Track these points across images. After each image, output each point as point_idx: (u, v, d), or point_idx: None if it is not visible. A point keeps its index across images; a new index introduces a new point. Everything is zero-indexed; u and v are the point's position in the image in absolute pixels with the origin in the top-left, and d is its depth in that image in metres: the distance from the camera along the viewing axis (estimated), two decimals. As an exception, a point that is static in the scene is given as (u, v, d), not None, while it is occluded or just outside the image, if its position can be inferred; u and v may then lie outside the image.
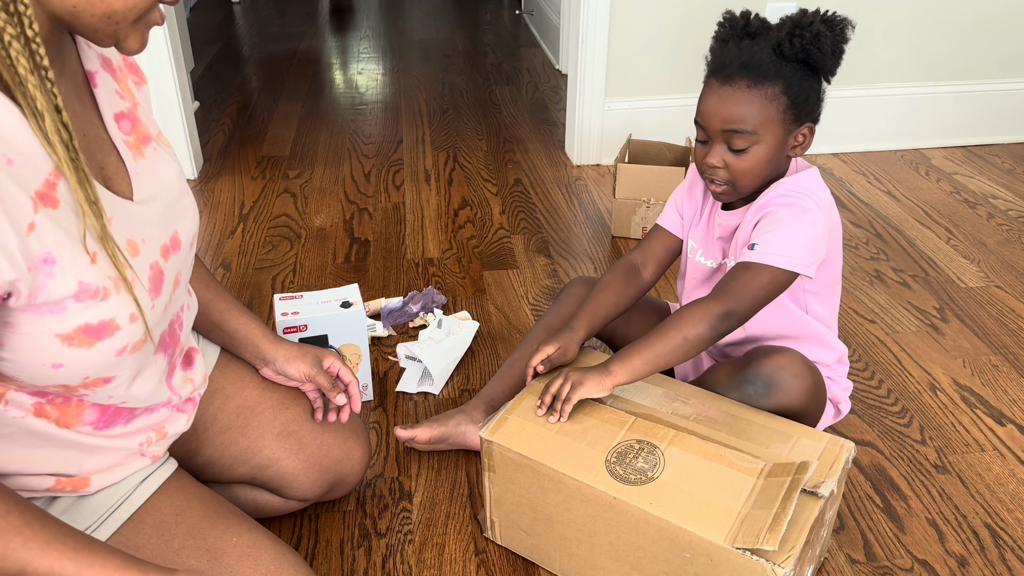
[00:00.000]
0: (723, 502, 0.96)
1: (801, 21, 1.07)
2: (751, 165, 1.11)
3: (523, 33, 4.01)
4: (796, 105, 1.10)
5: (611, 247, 2.05)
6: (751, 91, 1.08)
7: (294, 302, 1.42)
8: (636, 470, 1.02)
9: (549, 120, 2.88)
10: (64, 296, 0.70)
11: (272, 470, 1.10)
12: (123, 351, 0.77)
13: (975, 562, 1.19)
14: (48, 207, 0.69)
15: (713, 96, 1.11)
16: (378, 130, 2.76)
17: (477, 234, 2.11)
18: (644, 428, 1.08)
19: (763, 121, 1.09)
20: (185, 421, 0.96)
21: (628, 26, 2.36)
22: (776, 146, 1.11)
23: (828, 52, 1.08)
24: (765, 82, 1.08)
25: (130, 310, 0.76)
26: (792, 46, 1.07)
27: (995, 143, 2.67)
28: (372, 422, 1.46)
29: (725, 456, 1.03)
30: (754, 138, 1.10)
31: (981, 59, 2.55)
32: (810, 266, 1.10)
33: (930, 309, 1.79)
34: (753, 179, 1.13)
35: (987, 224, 2.16)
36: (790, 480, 0.98)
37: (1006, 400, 1.52)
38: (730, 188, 1.15)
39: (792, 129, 1.12)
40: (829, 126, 2.56)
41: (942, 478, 1.34)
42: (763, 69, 1.08)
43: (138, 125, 0.86)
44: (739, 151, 1.11)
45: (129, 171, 0.82)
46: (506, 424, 1.11)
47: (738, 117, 1.09)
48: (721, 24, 1.14)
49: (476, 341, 1.68)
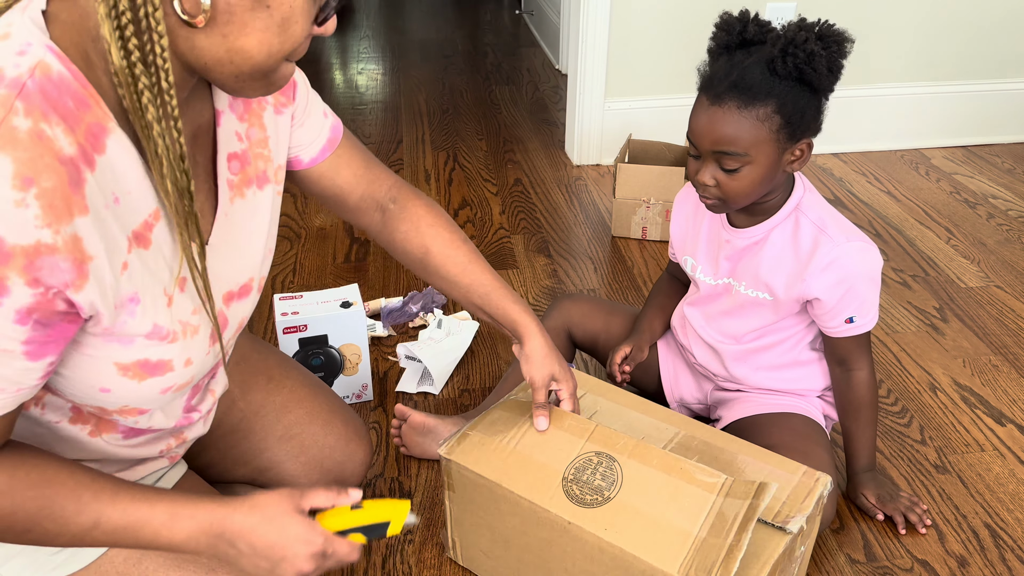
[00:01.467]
0: (678, 524, 0.92)
1: (795, 38, 1.02)
2: (743, 186, 1.09)
3: (523, 33, 4.01)
4: (791, 124, 1.06)
5: (611, 247, 2.05)
6: (741, 112, 1.04)
7: (294, 302, 1.42)
8: (592, 489, 0.97)
9: (549, 120, 2.88)
10: (137, 333, 0.72)
11: (273, 472, 1.10)
12: (168, 390, 0.79)
13: (975, 562, 1.19)
14: (140, 247, 0.71)
15: (703, 115, 1.07)
16: (378, 130, 2.76)
17: (477, 234, 2.11)
18: (604, 437, 1.03)
19: (755, 143, 1.05)
20: (203, 426, 0.97)
21: (628, 26, 2.36)
22: (769, 166, 1.08)
23: (823, 71, 1.03)
24: (756, 102, 1.03)
25: (188, 355, 0.78)
26: (785, 65, 1.02)
27: (995, 143, 2.67)
28: (372, 422, 1.46)
29: (685, 469, 0.97)
30: (745, 159, 1.06)
31: (981, 59, 2.55)
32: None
33: (930, 309, 1.79)
34: (746, 198, 1.11)
35: (987, 224, 2.16)
36: (747, 506, 0.92)
37: (1006, 400, 1.52)
38: (721, 204, 1.13)
39: (788, 147, 1.08)
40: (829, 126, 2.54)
41: (942, 478, 1.34)
42: (754, 89, 1.03)
43: (247, 168, 0.86)
44: (730, 171, 1.08)
45: (218, 213, 0.83)
46: (466, 441, 1.06)
47: (728, 139, 1.05)
48: (718, 28, 1.09)
49: (476, 341, 1.68)
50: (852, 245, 1.13)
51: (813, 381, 1.28)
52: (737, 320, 1.26)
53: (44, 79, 0.62)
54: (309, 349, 1.42)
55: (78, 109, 0.64)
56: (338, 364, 1.45)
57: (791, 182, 1.18)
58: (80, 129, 0.64)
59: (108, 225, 0.66)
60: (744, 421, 1.26)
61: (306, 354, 1.42)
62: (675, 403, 1.42)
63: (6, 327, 0.63)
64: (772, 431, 1.20)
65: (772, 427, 1.22)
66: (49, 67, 0.63)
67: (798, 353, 1.27)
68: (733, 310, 1.26)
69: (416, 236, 1.05)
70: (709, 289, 1.28)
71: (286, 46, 0.68)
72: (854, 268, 1.13)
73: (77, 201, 0.63)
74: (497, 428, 1.08)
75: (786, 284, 1.17)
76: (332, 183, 1.01)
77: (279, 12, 0.65)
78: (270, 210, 0.90)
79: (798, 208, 1.16)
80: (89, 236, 0.64)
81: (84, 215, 0.63)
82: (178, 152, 0.67)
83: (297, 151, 0.95)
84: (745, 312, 1.24)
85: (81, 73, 0.65)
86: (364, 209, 1.05)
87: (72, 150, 0.63)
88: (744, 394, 1.31)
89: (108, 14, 0.61)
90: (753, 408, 1.27)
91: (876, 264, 1.15)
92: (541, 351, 1.06)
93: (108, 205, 0.66)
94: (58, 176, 0.61)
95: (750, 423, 1.25)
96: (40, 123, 0.61)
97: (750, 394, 1.30)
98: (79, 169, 0.63)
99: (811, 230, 1.14)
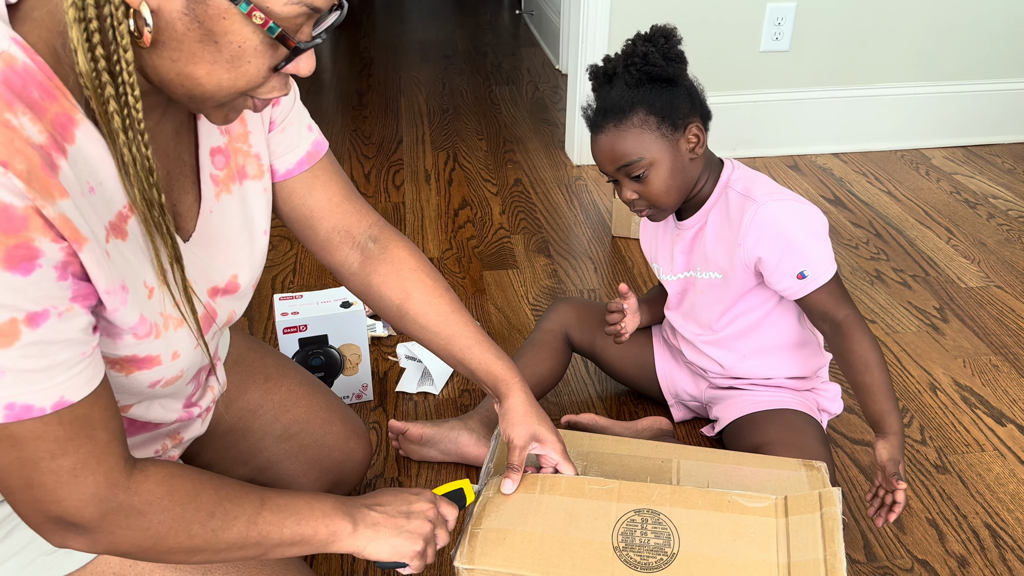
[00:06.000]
0: (757, 557, 0.87)
1: (629, 50, 1.16)
2: (658, 184, 1.17)
3: (523, 33, 4.01)
4: (667, 117, 1.16)
5: (611, 247, 2.05)
6: (619, 128, 1.16)
7: (294, 302, 1.42)
8: (651, 550, 0.89)
9: (549, 120, 2.88)
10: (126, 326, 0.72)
11: (272, 472, 1.10)
12: (156, 384, 0.79)
13: (975, 562, 1.19)
14: (118, 238, 0.70)
15: (595, 147, 1.20)
16: (378, 130, 2.76)
17: (477, 234, 2.11)
18: (634, 492, 0.95)
19: (643, 146, 1.16)
20: (200, 425, 0.96)
21: (628, 26, 2.35)
22: (670, 159, 1.17)
23: (662, 63, 1.14)
24: (627, 115, 1.15)
25: (174, 348, 0.78)
26: (631, 76, 1.15)
27: (995, 143, 2.67)
28: (372, 422, 1.46)
29: (733, 502, 0.93)
30: (645, 163, 1.16)
31: (981, 59, 2.55)
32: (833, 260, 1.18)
33: (930, 309, 1.79)
34: (668, 193, 1.19)
35: (987, 224, 2.16)
36: (819, 516, 0.89)
37: (1006, 400, 1.52)
38: (655, 211, 1.22)
39: (677, 137, 1.17)
40: (829, 126, 2.56)
41: (942, 478, 1.34)
42: (619, 106, 1.15)
43: (232, 161, 0.85)
44: (639, 178, 1.17)
45: (201, 209, 0.82)
46: (481, 540, 0.91)
47: (620, 154, 1.16)
48: (590, 78, 1.21)
49: (476, 341, 1.68)
50: (778, 203, 1.17)
51: (804, 364, 1.29)
52: (705, 309, 1.30)
53: (8, 69, 0.61)
54: (309, 349, 1.42)
55: (44, 99, 0.63)
56: (338, 364, 1.45)
57: (719, 167, 1.24)
58: (47, 118, 0.63)
59: (87, 212, 0.66)
60: (740, 420, 1.28)
61: (306, 354, 1.42)
62: (671, 399, 1.43)
63: (53, 288, 0.63)
64: (768, 428, 1.23)
65: (767, 424, 1.24)
66: (13, 58, 0.62)
67: (782, 335, 1.28)
68: (698, 300, 1.30)
69: (396, 280, 1.00)
70: (675, 287, 1.34)
71: (239, 83, 0.67)
72: (783, 222, 1.16)
73: (55, 184, 0.62)
74: (507, 515, 0.94)
75: (728, 255, 1.21)
76: (302, 202, 0.95)
77: (228, 50, 0.64)
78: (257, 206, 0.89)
79: (726, 185, 1.23)
80: (76, 219, 0.63)
81: (65, 198, 0.63)
82: (146, 166, 0.67)
83: (272, 159, 0.92)
84: (709, 298, 1.28)
85: (48, 66, 0.64)
86: (335, 244, 0.98)
87: (41, 138, 0.62)
88: (738, 392, 1.32)
89: (76, 18, 0.60)
90: (747, 406, 1.28)
91: (810, 217, 1.18)
92: (522, 408, 0.99)
93: (84, 193, 0.66)
94: (31, 159, 0.60)
95: (746, 422, 1.27)
96: (5, 113, 0.60)
97: (743, 391, 1.31)
98: (51, 155, 0.62)
99: (738, 199, 1.20)
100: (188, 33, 0.63)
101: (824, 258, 1.16)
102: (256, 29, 0.64)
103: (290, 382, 1.13)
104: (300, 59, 0.69)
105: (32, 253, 0.60)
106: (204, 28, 0.63)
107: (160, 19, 0.62)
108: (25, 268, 0.60)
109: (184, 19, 0.62)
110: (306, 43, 0.67)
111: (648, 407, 1.49)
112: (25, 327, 0.62)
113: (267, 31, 0.64)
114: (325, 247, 0.98)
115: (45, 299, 0.63)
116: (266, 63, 0.67)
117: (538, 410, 1.00)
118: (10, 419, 0.64)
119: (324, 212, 0.96)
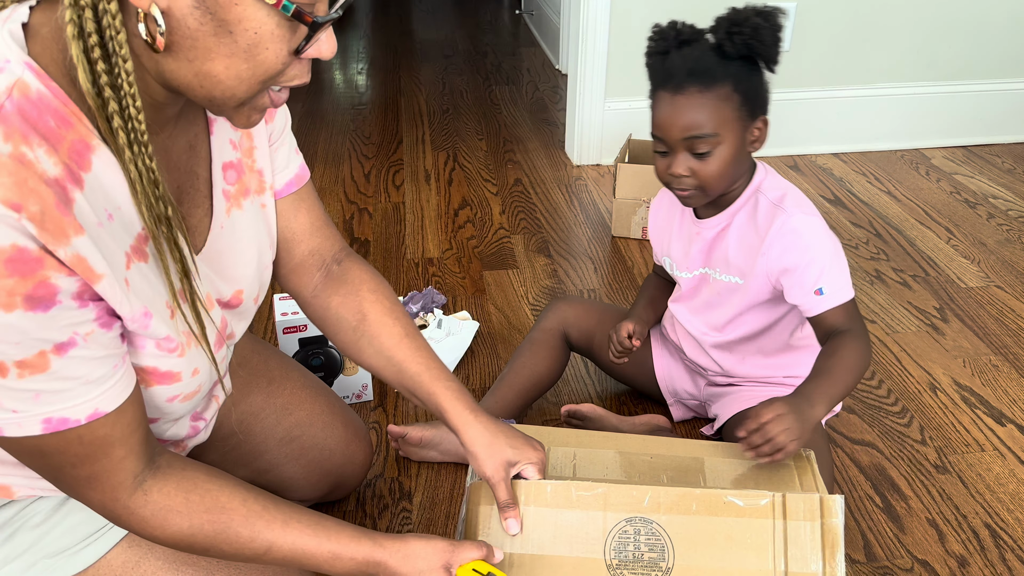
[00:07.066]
0: (753, 566, 0.85)
1: (737, 18, 1.08)
2: (717, 167, 1.13)
3: (523, 33, 4.01)
4: (749, 101, 1.12)
5: (611, 247, 2.05)
6: (704, 95, 1.09)
7: (294, 302, 1.42)
8: (646, 565, 0.87)
9: (549, 120, 2.88)
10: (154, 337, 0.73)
11: (273, 474, 1.10)
12: (174, 399, 0.79)
13: (975, 562, 1.19)
14: (140, 261, 0.71)
15: (667, 107, 1.11)
16: (378, 130, 2.76)
17: (477, 234, 2.11)
18: (622, 497, 0.90)
19: (721, 122, 1.10)
20: (204, 434, 0.97)
21: (628, 26, 2.36)
22: (737, 144, 1.13)
23: (769, 42, 1.09)
24: (715, 84, 1.09)
25: (195, 365, 0.79)
26: (733, 44, 1.08)
27: (995, 143, 2.67)
28: (372, 422, 1.46)
29: (729, 504, 0.89)
30: (715, 140, 1.11)
31: (981, 59, 2.55)
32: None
33: (930, 309, 1.79)
34: (721, 180, 1.14)
35: (987, 224, 2.16)
36: (819, 526, 0.86)
37: (1006, 400, 1.52)
38: (699, 192, 1.16)
39: (748, 125, 1.14)
40: (829, 126, 2.56)
41: (942, 478, 1.34)
42: (711, 72, 1.09)
43: (244, 177, 0.85)
44: (703, 155, 1.12)
45: (212, 225, 0.82)
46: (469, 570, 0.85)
47: (697, 123, 1.10)
48: (653, 39, 1.15)
49: (476, 341, 1.68)
50: (809, 218, 1.15)
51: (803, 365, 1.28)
52: (717, 310, 1.28)
53: (22, 99, 0.61)
54: (309, 349, 1.42)
55: (60, 128, 0.63)
56: (338, 364, 1.45)
57: (752, 170, 1.21)
58: (63, 148, 0.63)
59: (105, 243, 0.66)
60: (739, 417, 1.26)
61: (306, 354, 1.42)
62: (670, 397, 1.43)
63: (76, 315, 0.64)
64: None
65: None
66: (27, 86, 0.61)
67: (786, 341, 1.28)
68: (712, 299, 1.28)
69: (354, 300, 0.96)
70: (688, 283, 1.31)
71: (258, 72, 0.65)
72: (811, 237, 1.14)
73: (69, 222, 0.62)
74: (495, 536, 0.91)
75: (750, 261, 1.19)
76: (287, 224, 0.94)
77: (244, 39, 0.63)
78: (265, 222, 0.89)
79: (758, 190, 1.19)
80: (92, 255, 0.64)
81: (80, 235, 0.63)
82: (151, 179, 0.66)
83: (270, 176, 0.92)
84: (722, 300, 1.26)
85: (62, 90, 0.63)
86: (307, 267, 0.97)
87: (57, 171, 0.61)
88: (735, 388, 1.32)
89: (75, 35, 0.60)
90: (746, 402, 1.27)
91: (835, 240, 1.17)
92: (482, 440, 0.92)
93: (101, 223, 0.66)
94: (45, 199, 0.60)
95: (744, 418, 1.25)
96: (21, 146, 0.59)
97: (741, 388, 1.31)
98: (66, 189, 0.62)
99: (768, 207, 1.17)
100: (202, 28, 0.62)
101: (844, 278, 1.15)
102: (270, 10, 0.62)
103: (293, 385, 1.13)
104: (321, 41, 0.67)
105: (50, 291, 0.61)
106: (217, 19, 0.61)
107: (171, 19, 0.61)
108: (45, 306, 0.61)
109: (196, 13, 0.61)
110: (322, 18, 0.65)
111: (648, 406, 1.49)
112: (54, 356, 0.64)
113: (282, 10, 0.62)
114: (296, 270, 0.97)
115: (69, 328, 0.64)
116: (285, 47, 0.65)
117: (499, 431, 0.93)
118: (47, 431, 0.66)
119: (304, 234, 0.95)
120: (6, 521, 0.82)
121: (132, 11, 0.62)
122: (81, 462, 0.70)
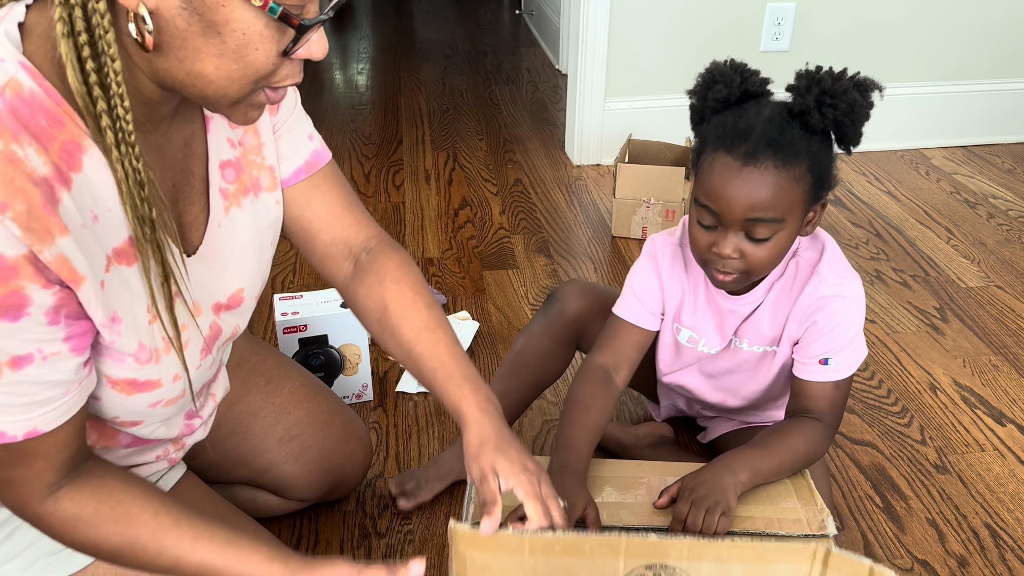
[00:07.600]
0: None
1: (833, 89, 0.91)
2: (772, 254, 0.96)
3: (523, 33, 4.01)
4: (819, 183, 0.95)
5: (611, 247, 2.05)
6: (779, 173, 0.91)
7: (294, 302, 1.42)
8: None
9: (549, 120, 2.88)
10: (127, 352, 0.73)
11: (272, 474, 1.10)
12: (157, 404, 0.79)
13: (975, 562, 1.19)
14: (123, 264, 0.70)
15: (732, 177, 0.92)
16: (378, 130, 2.76)
17: (477, 234, 2.11)
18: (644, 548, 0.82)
19: (790, 205, 0.93)
20: (203, 431, 0.97)
21: (628, 26, 2.36)
22: (795, 230, 0.97)
23: (860, 123, 0.93)
24: (794, 161, 0.91)
25: (175, 371, 0.78)
26: (823, 118, 0.91)
27: (995, 143, 2.67)
28: (372, 422, 1.46)
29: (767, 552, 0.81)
30: (779, 226, 0.94)
31: (981, 59, 2.55)
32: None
33: (930, 309, 1.79)
34: (769, 267, 1.00)
35: (987, 224, 2.16)
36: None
37: (1006, 400, 1.52)
38: (741, 277, 0.99)
39: (810, 207, 0.98)
40: (829, 126, 2.56)
41: (942, 478, 1.34)
42: (793, 146, 0.91)
43: (244, 175, 0.84)
44: (761, 240, 0.94)
45: (209, 223, 0.81)
46: None
47: (765, 203, 0.91)
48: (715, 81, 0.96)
49: (476, 341, 1.68)
50: (843, 284, 1.04)
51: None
52: (741, 375, 1.16)
53: (15, 97, 0.61)
54: (309, 349, 1.42)
55: (51, 127, 0.63)
56: (338, 364, 1.45)
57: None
58: (54, 147, 0.62)
59: (87, 244, 0.66)
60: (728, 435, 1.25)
61: (306, 354, 1.42)
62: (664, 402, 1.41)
63: (42, 332, 0.64)
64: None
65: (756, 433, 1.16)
66: (20, 85, 0.61)
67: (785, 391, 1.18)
68: (737, 366, 1.16)
69: (378, 291, 0.92)
70: (714, 360, 1.16)
71: (249, 72, 0.65)
72: (842, 309, 1.03)
73: (55, 222, 0.62)
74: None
75: (780, 327, 1.09)
76: (300, 214, 0.91)
77: (232, 40, 0.62)
78: (269, 219, 0.88)
79: (795, 254, 1.06)
80: (75, 256, 0.64)
81: (65, 235, 0.62)
82: (137, 179, 0.65)
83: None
84: (749, 367, 1.15)
85: (55, 89, 0.63)
86: (333, 256, 0.94)
87: (46, 170, 0.61)
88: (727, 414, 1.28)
89: (65, 33, 0.59)
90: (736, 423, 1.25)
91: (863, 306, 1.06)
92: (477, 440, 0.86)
93: (86, 224, 0.66)
94: (32, 198, 0.60)
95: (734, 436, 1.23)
96: (11, 144, 0.59)
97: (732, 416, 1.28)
98: (53, 189, 0.62)
99: (805, 270, 1.05)
100: (190, 28, 0.62)
101: (854, 359, 1.04)
102: (257, 12, 0.62)
103: (292, 384, 1.13)
104: (311, 42, 0.66)
105: (21, 301, 0.61)
106: (205, 20, 0.61)
107: (160, 19, 0.61)
108: (13, 316, 0.61)
109: (183, 14, 0.61)
110: (310, 20, 0.64)
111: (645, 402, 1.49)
112: (7, 368, 0.64)
113: (268, 12, 0.62)
114: (323, 259, 0.95)
115: (31, 343, 0.64)
116: (274, 48, 0.64)
117: (500, 438, 0.85)
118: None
119: (323, 224, 0.92)
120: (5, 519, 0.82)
121: (122, 10, 0.61)
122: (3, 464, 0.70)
